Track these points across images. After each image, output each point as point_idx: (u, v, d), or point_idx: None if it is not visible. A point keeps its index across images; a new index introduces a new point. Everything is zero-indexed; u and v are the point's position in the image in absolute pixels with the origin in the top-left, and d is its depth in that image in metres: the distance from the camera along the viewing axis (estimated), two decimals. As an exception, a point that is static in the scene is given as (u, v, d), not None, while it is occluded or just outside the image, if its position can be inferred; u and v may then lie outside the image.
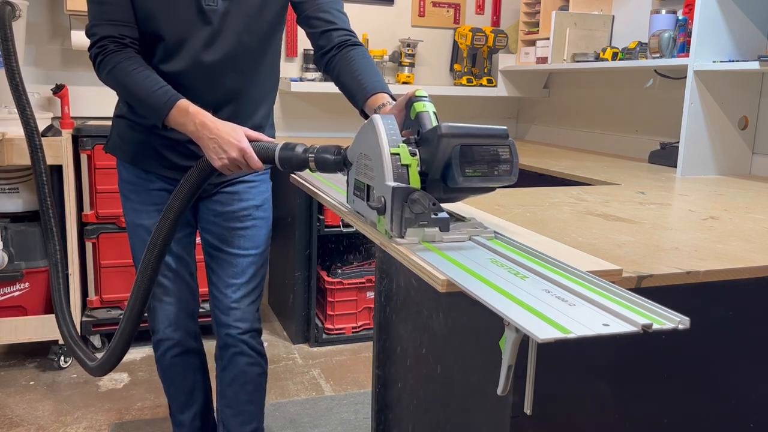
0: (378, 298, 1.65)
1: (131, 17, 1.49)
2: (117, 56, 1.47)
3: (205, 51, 1.52)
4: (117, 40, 1.48)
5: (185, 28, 1.50)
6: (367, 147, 1.15)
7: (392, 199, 1.05)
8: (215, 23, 1.51)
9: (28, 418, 2.39)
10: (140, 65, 1.48)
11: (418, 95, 1.20)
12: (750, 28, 2.28)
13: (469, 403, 1.21)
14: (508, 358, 0.83)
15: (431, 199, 1.03)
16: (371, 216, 1.16)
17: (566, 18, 3.03)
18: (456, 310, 1.25)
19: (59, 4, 2.97)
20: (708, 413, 1.23)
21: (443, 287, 0.91)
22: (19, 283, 2.72)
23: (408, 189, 1.05)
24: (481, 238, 1.12)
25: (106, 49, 1.47)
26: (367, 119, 1.17)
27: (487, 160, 1.08)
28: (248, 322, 1.73)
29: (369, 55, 1.58)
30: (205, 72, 1.53)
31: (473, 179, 1.08)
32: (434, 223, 1.04)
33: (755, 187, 2.12)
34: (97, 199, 2.78)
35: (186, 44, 1.51)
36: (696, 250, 1.22)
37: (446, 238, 1.09)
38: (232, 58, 1.55)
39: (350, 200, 1.29)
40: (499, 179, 1.10)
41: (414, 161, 1.10)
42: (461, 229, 1.14)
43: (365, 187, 1.18)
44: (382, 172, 1.09)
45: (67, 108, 2.92)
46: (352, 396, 2.64)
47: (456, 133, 1.06)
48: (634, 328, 0.76)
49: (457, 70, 3.64)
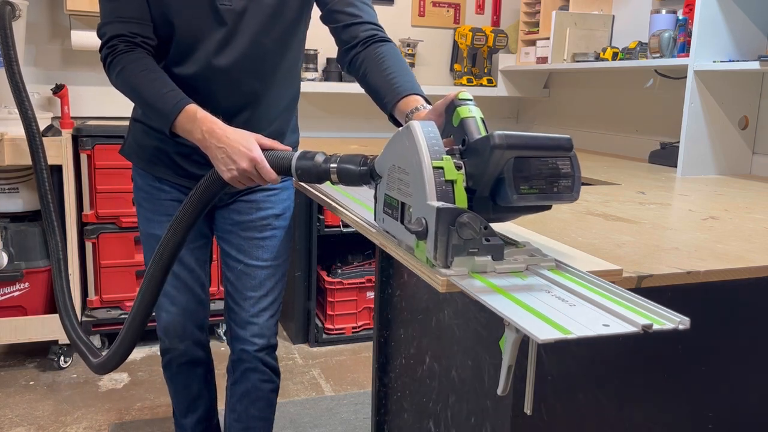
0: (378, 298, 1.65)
1: (144, 13, 1.39)
2: (127, 57, 1.37)
3: (218, 54, 1.43)
4: (127, 39, 1.38)
5: (198, 29, 1.41)
6: (403, 158, 1.01)
7: (437, 222, 0.90)
8: (230, 24, 1.41)
9: (28, 418, 2.39)
10: (150, 66, 1.38)
11: (461, 98, 1.06)
12: (750, 28, 2.28)
13: (469, 403, 1.20)
14: (508, 358, 0.83)
15: (482, 221, 0.89)
16: (407, 239, 1.01)
17: (566, 18, 3.03)
18: (456, 310, 1.25)
19: (59, 3, 2.97)
20: (708, 413, 1.23)
21: (443, 287, 0.91)
22: (19, 283, 2.72)
23: (456, 210, 0.90)
24: (542, 269, 0.95)
25: (116, 49, 1.38)
26: (402, 125, 1.03)
27: (546, 175, 0.94)
28: (265, 338, 1.65)
29: (399, 52, 1.44)
30: (218, 76, 1.44)
31: (529, 197, 0.93)
32: (486, 250, 0.91)
33: (755, 187, 2.12)
34: (97, 199, 2.78)
35: (199, 46, 1.42)
36: (696, 250, 1.22)
37: (499, 268, 0.93)
38: (248, 61, 1.45)
39: (379, 218, 1.13)
40: (559, 197, 0.95)
41: (460, 176, 0.95)
42: (515, 256, 0.97)
43: (399, 205, 1.03)
44: (423, 188, 0.94)
45: (66, 108, 2.91)
46: (352, 396, 2.64)
47: (512, 144, 0.91)
48: (634, 329, 0.75)
49: (457, 70, 3.64)
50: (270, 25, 1.45)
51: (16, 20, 2.49)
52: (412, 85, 1.32)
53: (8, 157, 2.56)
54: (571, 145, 0.95)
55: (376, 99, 1.38)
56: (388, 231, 1.10)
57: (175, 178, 1.58)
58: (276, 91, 1.54)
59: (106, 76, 1.43)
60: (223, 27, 1.42)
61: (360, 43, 1.43)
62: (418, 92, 1.31)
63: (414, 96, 1.29)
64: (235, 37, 1.43)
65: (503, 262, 0.93)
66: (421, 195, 0.95)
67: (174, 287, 1.66)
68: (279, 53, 1.50)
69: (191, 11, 1.40)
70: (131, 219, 2.80)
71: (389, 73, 1.35)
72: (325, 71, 3.38)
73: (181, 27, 1.41)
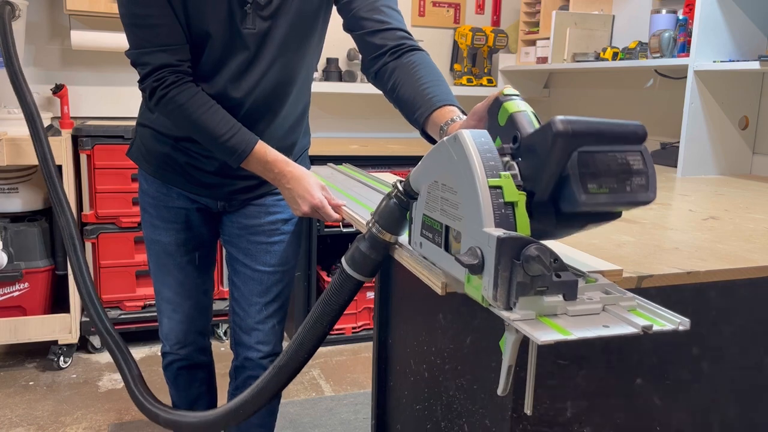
0: (378, 298, 1.65)
1: (183, 37, 1.34)
2: (180, 93, 1.33)
3: (237, 81, 1.39)
4: (175, 69, 1.32)
5: (221, 53, 1.37)
6: (449, 174, 0.85)
7: (498, 254, 0.73)
8: (252, 49, 1.37)
9: (28, 418, 2.39)
10: (207, 103, 1.35)
11: (507, 93, 0.91)
12: (750, 27, 2.28)
13: (469, 403, 1.20)
14: (508, 359, 0.83)
15: (553, 254, 0.73)
16: (453, 270, 0.85)
17: (566, 18, 3.03)
18: (456, 310, 1.25)
19: (59, 3, 2.97)
20: (709, 413, 1.23)
21: (442, 290, 0.90)
22: (18, 283, 2.72)
23: (521, 240, 0.73)
24: (621, 310, 0.79)
25: (165, 82, 1.32)
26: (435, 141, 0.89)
27: (616, 172, 0.78)
28: (270, 344, 1.63)
29: (432, 61, 1.33)
30: (235, 101, 1.41)
31: (599, 197, 0.77)
32: (557, 288, 0.75)
33: (755, 187, 2.12)
34: (97, 199, 2.77)
35: (221, 70, 1.38)
36: (696, 250, 1.21)
37: (572, 310, 0.77)
38: (268, 85, 1.42)
39: (415, 242, 0.99)
40: (633, 197, 0.79)
41: (522, 197, 0.79)
42: (588, 293, 0.81)
43: (442, 229, 0.89)
44: (478, 212, 0.78)
45: (66, 108, 2.91)
46: (352, 396, 2.64)
47: (577, 130, 0.75)
48: (634, 330, 0.75)
49: (457, 69, 3.63)
50: (290, 42, 1.41)
51: (15, 20, 2.49)
52: (447, 96, 1.22)
53: (8, 157, 2.56)
54: (646, 133, 0.80)
55: (407, 111, 1.27)
56: (428, 258, 0.96)
57: (184, 186, 1.56)
58: (291, 105, 1.51)
59: (106, 76, 1.41)
60: (245, 52, 1.38)
61: (389, 52, 1.33)
62: (455, 103, 1.20)
63: (450, 107, 1.19)
64: (254, 64, 1.40)
65: (576, 302, 0.77)
66: (474, 220, 0.79)
67: (177, 294, 1.64)
68: (297, 70, 1.46)
69: (218, 36, 1.36)
70: (131, 219, 2.80)
71: (423, 83, 1.25)
72: (325, 71, 3.38)
73: (209, 52, 1.37)
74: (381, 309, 1.61)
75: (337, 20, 1.46)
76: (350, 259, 1.13)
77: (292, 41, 1.41)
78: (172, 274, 1.62)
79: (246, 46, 1.38)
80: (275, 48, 1.40)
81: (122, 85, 3.12)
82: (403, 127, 1.13)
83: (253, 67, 1.40)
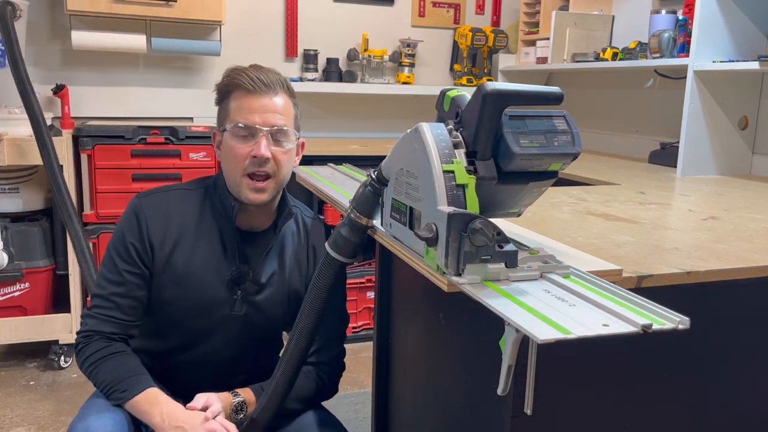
0: (378, 298, 1.65)
1: (138, 316, 1.37)
2: (99, 346, 1.33)
3: (213, 354, 1.44)
4: (108, 337, 1.35)
5: (199, 332, 1.42)
6: (411, 162, 0.98)
7: (448, 228, 0.86)
8: (233, 328, 1.43)
9: (29, 418, 2.39)
10: (123, 351, 1.34)
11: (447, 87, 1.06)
12: (750, 28, 2.28)
13: (469, 403, 1.21)
14: (508, 358, 0.83)
15: (495, 228, 0.85)
16: (415, 245, 0.99)
17: (566, 18, 3.03)
18: (456, 310, 1.25)
19: (59, 4, 2.97)
20: (708, 413, 1.23)
21: (448, 287, 0.90)
22: (19, 283, 2.72)
23: (468, 215, 0.86)
24: (556, 276, 0.92)
25: (90, 339, 1.34)
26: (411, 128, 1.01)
27: (543, 131, 0.93)
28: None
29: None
30: (211, 366, 1.45)
31: (530, 149, 0.91)
32: (499, 257, 0.87)
33: (755, 187, 2.12)
34: (98, 199, 2.77)
35: (198, 344, 1.42)
36: (696, 250, 1.22)
37: (513, 276, 0.89)
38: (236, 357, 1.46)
39: (386, 223, 1.12)
40: (561, 149, 0.93)
41: (472, 180, 0.92)
42: (529, 263, 0.93)
43: (407, 210, 1.01)
44: (433, 193, 0.91)
45: (67, 108, 2.91)
46: (352, 396, 2.64)
47: (502, 91, 0.90)
48: (634, 329, 0.75)
49: (457, 70, 3.64)
50: (260, 326, 1.46)
51: (16, 20, 2.50)
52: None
53: (8, 157, 2.56)
54: (562, 94, 0.94)
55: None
56: (396, 236, 1.08)
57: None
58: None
59: (106, 76, 1.39)
60: (223, 332, 1.43)
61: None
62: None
63: None
64: (228, 341, 1.43)
65: (517, 269, 0.89)
66: (431, 200, 0.92)
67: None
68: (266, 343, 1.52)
69: (199, 318, 1.40)
70: (131, 219, 2.80)
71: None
72: (325, 71, 3.38)
73: (185, 331, 1.42)
74: (381, 309, 1.61)
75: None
76: (333, 243, 1.22)
77: (262, 325, 1.46)
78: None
79: (226, 327, 1.42)
80: (248, 329, 1.44)
81: (123, 85, 3.12)
82: (403, 127, 1.15)
83: (227, 344, 1.44)
